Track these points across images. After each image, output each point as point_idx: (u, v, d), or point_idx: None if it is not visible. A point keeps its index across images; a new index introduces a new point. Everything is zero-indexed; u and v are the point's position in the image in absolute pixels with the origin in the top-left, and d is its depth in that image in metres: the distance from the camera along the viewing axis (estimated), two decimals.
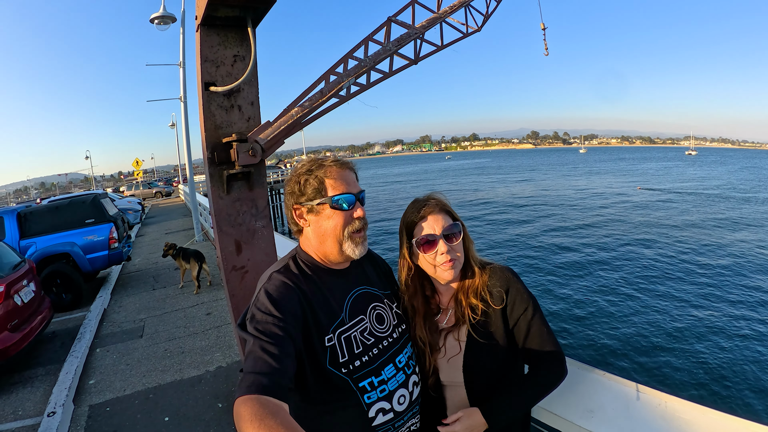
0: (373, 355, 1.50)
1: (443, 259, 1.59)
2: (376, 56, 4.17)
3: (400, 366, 1.56)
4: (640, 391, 1.67)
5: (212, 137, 3.39)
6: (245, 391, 1.08)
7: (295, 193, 1.53)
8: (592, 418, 1.73)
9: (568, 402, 1.82)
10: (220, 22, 3.28)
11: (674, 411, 1.56)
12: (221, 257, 3.68)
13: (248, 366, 1.17)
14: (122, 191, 44.71)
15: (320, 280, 1.52)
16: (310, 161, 1.56)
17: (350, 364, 1.45)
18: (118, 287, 9.72)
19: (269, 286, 1.41)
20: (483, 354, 1.59)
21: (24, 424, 4.49)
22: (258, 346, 1.21)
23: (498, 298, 1.60)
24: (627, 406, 1.67)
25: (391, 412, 1.49)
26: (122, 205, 21.18)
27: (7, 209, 9.39)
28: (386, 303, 1.66)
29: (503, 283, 1.62)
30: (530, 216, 34.01)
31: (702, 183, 55.68)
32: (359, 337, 1.50)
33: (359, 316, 1.54)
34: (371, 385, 1.46)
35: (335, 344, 1.44)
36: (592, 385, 1.81)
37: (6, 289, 5.56)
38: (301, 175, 1.53)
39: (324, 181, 1.50)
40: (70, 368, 5.41)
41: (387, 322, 1.60)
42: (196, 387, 4.89)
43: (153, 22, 12.03)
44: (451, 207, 1.69)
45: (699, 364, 11.30)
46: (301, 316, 1.39)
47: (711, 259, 20.25)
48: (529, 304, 1.60)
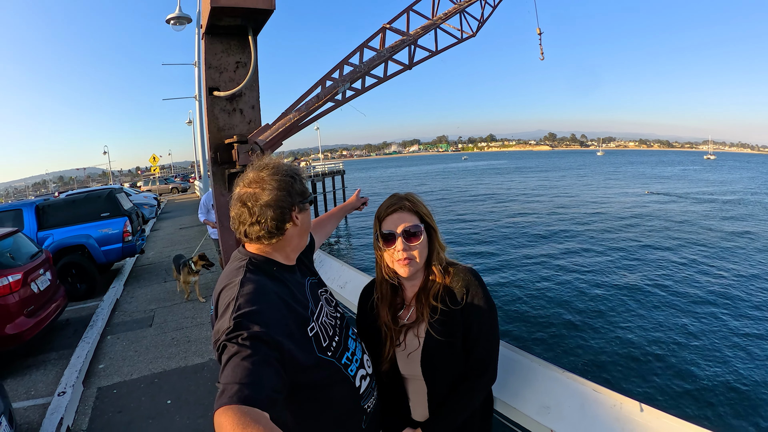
0: (339, 333, 1.63)
1: (399, 257, 1.69)
2: (370, 62, 4.37)
3: (354, 337, 1.72)
4: (596, 390, 1.74)
5: (215, 138, 3.63)
6: (226, 401, 1.05)
7: (297, 194, 1.52)
8: (548, 414, 1.77)
9: (526, 397, 1.88)
10: (223, 30, 3.52)
11: (629, 413, 1.62)
12: (223, 250, 3.94)
13: (227, 376, 1.13)
14: (139, 186, 45.38)
15: (283, 278, 1.53)
16: (275, 165, 1.54)
17: (330, 346, 1.53)
18: (131, 279, 10.08)
19: (244, 292, 1.36)
20: (440, 351, 1.68)
21: (36, 402, 4.80)
22: (237, 355, 1.18)
23: (457, 299, 1.68)
24: (582, 405, 1.73)
25: (368, 377, 1.65)
26: (138, 200, 21.59)
27: (26, 202, 9.78)
28: (325, 287, 1.79)
29: (464, 284, 1.70)
30: (541, 221, 33.82)
31: (722, 188, 54.79)
32: (326, 320, 1.61)
33: (319, 302, 1.63)
34: (348, 359, 1.59)
35: (317, 331, 1.50)
36: (549, 382, 1.86)
37: (23, 277, 5.88)
38: (294, 176, 1.54)
39: (302, 181, 1.59)
40: (81, 353, 5.72)
41: (333, 303, 1.75)
42: (199, 374, 5.15)
43: (169, 23, 12.35)
44: (425, 209, 1.75)
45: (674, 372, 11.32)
46: (281, 317, 1.37)
47: (709, 268, 20.09)
48: (484, 309, 1.68)
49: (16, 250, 6.42)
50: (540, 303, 16.02)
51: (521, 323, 14.23)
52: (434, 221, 1.78)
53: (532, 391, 1.88)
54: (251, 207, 1.45)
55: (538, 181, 72.44)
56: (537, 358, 1.99)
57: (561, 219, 33.42)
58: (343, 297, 3.32)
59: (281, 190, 1.47)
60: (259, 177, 1.49)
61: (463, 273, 1.73)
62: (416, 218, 1.71)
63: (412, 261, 1.69)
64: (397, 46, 4.58)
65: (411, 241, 1.69)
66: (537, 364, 1.95)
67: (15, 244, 6.53)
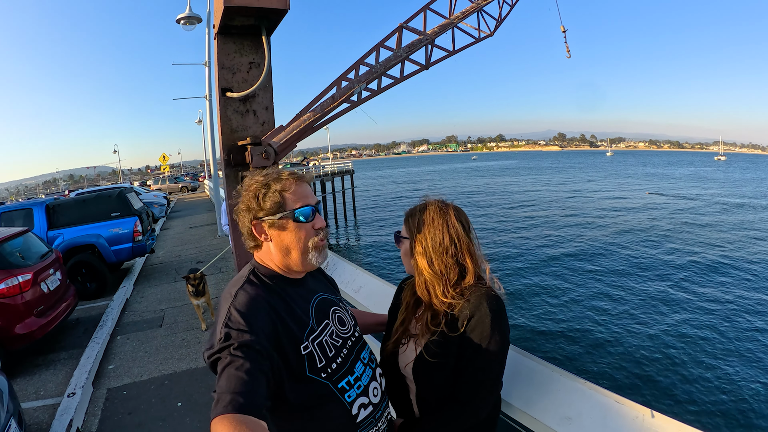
0: (344, 355, 1.56)
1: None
2: (387, 62, 4.31)
3: (365, 362, 1.64)
4: (619, 402, 1.67)
5: (228, 140, 3.58)
6: (221, 410, 1.07)
7: (252, 209, 1.50)
8: (570, 424, 1.71)
9: (547, 407, 1.81)
10: (236, 30, 3.47)
11: (651, 425, 1.56)
12: (236, 255, 3.89)
13: (222, 386, 1.14)
14: (149, 185, 45.65)
15: (283, 291, 1.51)
16: (264, 175, 1.54)
17: (328, 367, 1.48)
18: (141, 278, 10.08)
19: (237, 303, 1.38)
20: (430, 370, 1.63)
21: (45, 403, 4.77)
22: (231, 365, 1.19)
23: (457, 325, 1.58)
24: (605, 416, 1.66)
25: (370, 406, 1.55)
26: (148, 199, 21.70)
27: (36, 201, 9.81)
28: (342, 306, 1.72)
29: (470, 311, 1.57)
30: (555, 224, 33.60)
31: (735, 191, 54.19)
32: (329, 340, 1.54)
33: (324, 320, 1.57)
34: (348, 384, 1.52)
35: (312, 351, 1.46)
36: (571, 392, 1.81)
37: (33, 276, 5.87)
38: (258, 189, 1.50)
39: (284, 194, 1.49)
40: (91, 353, 5.70)
41: (347, 324, 1.67)
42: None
43: (179, 23, 12.34)
44: (414, 225, 1.69)
45: (685, 379, 11.13)
46: (272, 330, 1.37)
47: (723, 273, 19.85)
48: (483, 341, 1.55)
49: (26, 249, 6.42)
50: (555, 309, 15.90)
51: (534, 332, 14.06)
52: (416, 240, 1.68)
53: (554, 401, 1.82)
54: (236, 212, 1.56)
55: (550, 181, 72.18)
56: (558, 368, 1.92)
57: (578, 222, 33.13)
58: (358, 301, 3.26)
59: (243, 202, 1.52)
60: (243, 184, 1.56)
61: (475, 298, 1.59)
62: (405, 228, 1.74)
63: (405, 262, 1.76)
64: (414, 45, 4.51)
65: (398, 245, 1.77)
66: (558, 374, 1.89)
67: (25, 244, 6.52)
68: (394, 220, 35.56)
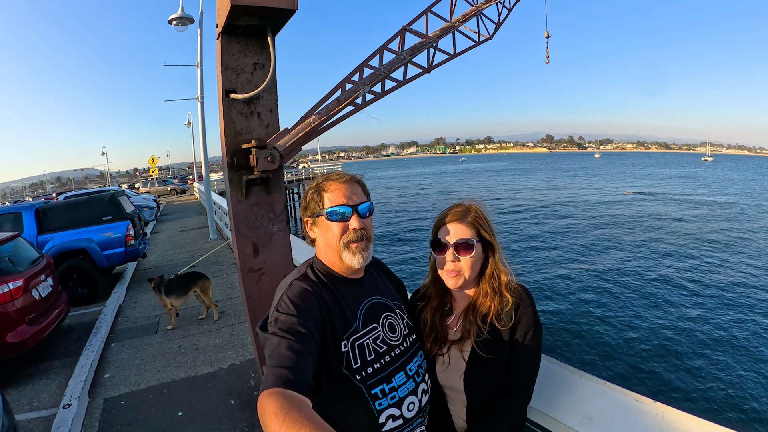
0: (384, 362, 1.55)
1: (447, 267, 1.67)
2: (390, 65, 4.24)
3: (410, 374, 1.61)
4: (638, 400, 1.71)
5: (232, 143, 3.48)
6: (271, 384, 1.12)
7: (304, 208, 1.64)
8: (592, 425, 1.75)
9: (568, 408, 1.85)
10: (240, 30, 3.37)
11: (671, 422, 1.58)
12: (239, 259, 3.77)
13: (272, 362, 1.21)
14: (137, 188, 45.22)
15: (335, 288, 1.57)
16: (323, 176, 1.65)
17: (363, 370, 1.50)
18: (133, 283, 9.90)
19: (290, 291, 1.47)
20: (484, 369, 1.63)
21: (40, 415, 4.63)
22: (282, 343, 1.26)
23: (507, 319, 1.63)
24: (625, 415, 1.70)
25: (400, 419, 1.53)
26: (138, 202, 21.46)
27: (26, 205, 9.60)
28: (398, 313, 1.71)
29: (515, 304, 1.65)
30: (548, 223, 33.75)
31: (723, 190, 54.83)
32: (372, 344, 1.55)
33: (372, 324, 1.59)
34: (382, 392, 1.51)
35: (349, 350, 1.49)
36: (591, 392, 1.84)
37: (24, 283, 5.70)
38: (310, 189, 1.64)
39: (323, 194, 1.58)
40: (85, 362, 5.55)
41: (398, 332, 1.66)
42: (210, 383, 4.99)
43: (171, 24, 12.20)
44: (486, 224, 1.71)
45: (699, 374, 11.19)
46: (321, 319, 1.44)
47: (726, 269, 20.01)
48: (531, 330, 1.64)
49: (16, 255, 6.25)
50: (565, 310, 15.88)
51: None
52: (495, 238, 1.70)
53: (575, 401, 1.85)
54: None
55: (541, 182, 72.48)
56: (577, 369, 1.96)
57: (578, 221, 33.37)
58: None
59: (301, 206, 1.68)
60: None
61: (515, 292, 1.68)
62: (473, 231, 1.67)
63: (459, 274, 1.67)
64: (417, 48, 4.47)
65: (461, 254, 1.66)
66: (578, 375, 1.93)
67: (15, 249, 6.35)
68: (391, 220, 35.43)
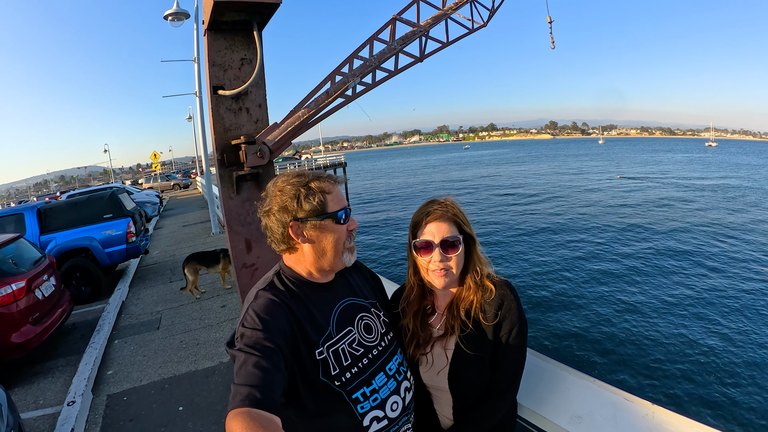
0: (363, 365, 1.52)
1: (435, 267, 1.62)
2: (381, 55, 4.22)
3: (390, 373, 1.58)
4: (628, 399, 1.69)
5: (221, 139, 3.49)
6: (238, 404, 1.09)
7: (292, 209, 1.46)
8: (581, 423, 1.72)
9: (557, 406, 1.82)
10: (226, 26, 3.36)
11: (661, 422, 1.58)
12: (232, 255, 3.79)
13: (239, 380, 1.17)
14: (141, 183, 45.37)
15: (305, 296, 1.51)
16: (298, 174, 1.52)
17: (341, 376, 1.47)
18: (136, 280, 9.96)
19: (256, 305, 1.42)
20: (468, 365, 1.61)
21: (45, 412, 4.69)
22: (249, 360, 1.22)
23: (491, 314, 1.61)
24: (615, 414, 1.68)
25: (385, 420, 1.51)
26: (140, 198, 21.50)
27: (27, 205, 9.66)
28: (373, 312, 1.67)
29: (498, 299, 1.63)
30: (556, 213, 33.60)
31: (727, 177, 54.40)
32: (347, 349, 1.52)
33: (347, 327, 1.56)
34: (364, 396, 1.49)
35: (326, 357, 1.46)
36: (580, 390, 1.82)
37: (27, 284, 5.76)
38: (298, 189, 1.47)
39: (326, 196, 1.49)
40: (89, 359, 5.61)
41: (375, 331, 1.63)
42: (210, 378, 5.04)
43: (167, 19, 12.17)
44: (464, 217, 1.67)
45: (691, 374, 11.06)
46: (289, 331, 1.39)
47: (724, 262, 19.86)
48: (515, 325, 1.61)
49: (18, 256, 6.30)
50: (554, 304, 15.77)
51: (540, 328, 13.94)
52: (473, 230, 1.68)
53: (564, 399, 1.82)
54: (262, 214, 1.53)
55: (547, 169, 72.07)
56: (566, 366, 1.93)
57: (576, 211, 33.06)
58: None
59: (277, 203, 1.48)
60: (274, 184, 1.53)
61: (498, 286, 1.65)
62: (455, 227, 1.64)
63: (448, 272, 1.63)
64: (408, 37, 4.43)
65: (449, 252, 1.62)
66: (567, 373, 1.89)
67: (17, 250, 6.41)
68: (391, 213, 35.40)
